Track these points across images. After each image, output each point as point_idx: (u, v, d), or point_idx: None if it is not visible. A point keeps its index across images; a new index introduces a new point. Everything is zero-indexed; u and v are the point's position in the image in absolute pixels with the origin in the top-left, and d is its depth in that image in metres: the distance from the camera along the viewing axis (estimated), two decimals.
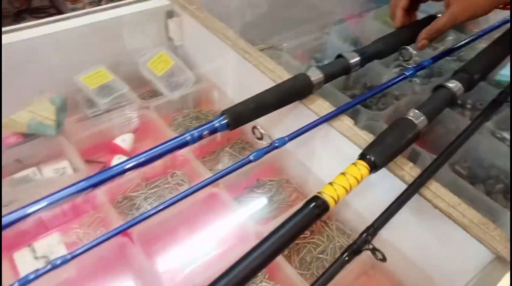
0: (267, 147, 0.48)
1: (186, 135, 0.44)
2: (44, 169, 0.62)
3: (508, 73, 0.79)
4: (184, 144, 0.44)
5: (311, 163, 0.62)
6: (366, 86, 0.82)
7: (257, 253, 0.36)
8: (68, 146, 0.62)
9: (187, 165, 0.66)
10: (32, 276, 0.36)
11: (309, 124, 0.52)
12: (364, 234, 0.39)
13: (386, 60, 0.77)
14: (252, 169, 0.65)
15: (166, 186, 0.63)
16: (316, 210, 0.40)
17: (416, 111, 0.50)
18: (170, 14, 0.76)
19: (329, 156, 0.58)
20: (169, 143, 0.43)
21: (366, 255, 0.51)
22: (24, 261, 0.53)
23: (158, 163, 0.64)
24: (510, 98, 0.55)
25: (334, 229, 0.60)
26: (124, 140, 0.67)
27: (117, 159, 0.64)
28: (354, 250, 0.38)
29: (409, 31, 0.62)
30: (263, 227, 0.54)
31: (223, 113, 0.47)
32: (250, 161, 0.47)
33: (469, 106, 0.77)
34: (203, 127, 0.45)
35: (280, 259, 0.52)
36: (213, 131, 0.46)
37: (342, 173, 0.43)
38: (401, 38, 0.61)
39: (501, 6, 0.60)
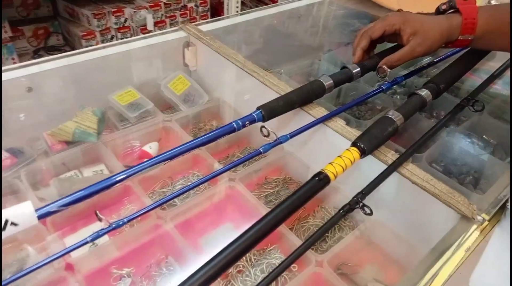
0: (273, 142, 0.59)
1: (233, 123, 0.57)
2: (84, 171, 0.73)
3: None
4: (232, 130, 0.57)
5: (310, 161, 0.74)
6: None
7: (277, 212, 0.47)
8: (106, 151, 0.73)
9: (205, 167, 0.77)
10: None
11: (308, 124, 0.64)
12: (356, 197, 0.51)
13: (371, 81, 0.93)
14: (261, 170, 0.77)
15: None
16: (320, 182, 0.51)
17: (395, 111, 0.63)
18: (186, 44, 0.91)
19: (326, 153, 0.69)
20: (219, 130, 0.56)
21: (360, 232, 0.63)
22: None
23: (181, 164, 0.76)
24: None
25: (331, 211, 0.71)
26: (151, 147, 0.78)
27: None
28: (348, 208, 0.49)
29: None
30: None
31: (258, 108, 0.60)
32: (260, 153, 0.58)
33: (435, 114, 0.91)
34: (245, 118, 0.59)
35: (287, 233, 0.62)
36: (252, 121, 0.59)
37: (339, 156, 0.55)
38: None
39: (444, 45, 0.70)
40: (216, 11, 2.44)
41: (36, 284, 0.53)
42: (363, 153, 0.57)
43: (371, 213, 0.49)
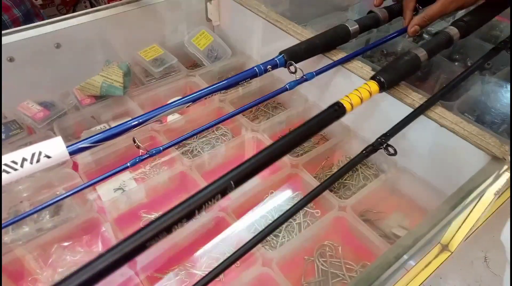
0: (299, 78, 0.58)
1: (255, 68, 0.56)
2: (113, 125, 0.75)
3: None
4: (254, 75, 0.56)
5: None
6: (383, 53, 0.92)
7: (290, 137, 0.46)
8: (133, 105, 0.75)
9: (229, 121, 0.77)
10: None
11: (329, 64, 0.62)
12: (380, 139, 0.49)
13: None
14: (285, 123, 0.76)
15: (213, 136, 0.75)
16: (335, 112, 0.50)
17: (419, 47, 0.60)
18: None
19: None
20: (242, 74, 0.56)
21: (384, 179, 0.61)
22: (105, 192, 0.65)
23: (205, 118, 0.76)
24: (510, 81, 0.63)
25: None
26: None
27: (171, 117, 0.77)
28: (371, 149, 0.48)
29: None
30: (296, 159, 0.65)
31: (281, 53, 0.59)
32: (286, 89, 0.58)
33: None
34: (268, 63, 0.57)
35: (311, 180, 0.62)
36: (275, 65, 0.58)
37: (356, 89, 0.53)
38: None
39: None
40: None
41: (72, 224, 0.56)
42: (383, 87, 0.55)
43: (395, 153, 0.48)
